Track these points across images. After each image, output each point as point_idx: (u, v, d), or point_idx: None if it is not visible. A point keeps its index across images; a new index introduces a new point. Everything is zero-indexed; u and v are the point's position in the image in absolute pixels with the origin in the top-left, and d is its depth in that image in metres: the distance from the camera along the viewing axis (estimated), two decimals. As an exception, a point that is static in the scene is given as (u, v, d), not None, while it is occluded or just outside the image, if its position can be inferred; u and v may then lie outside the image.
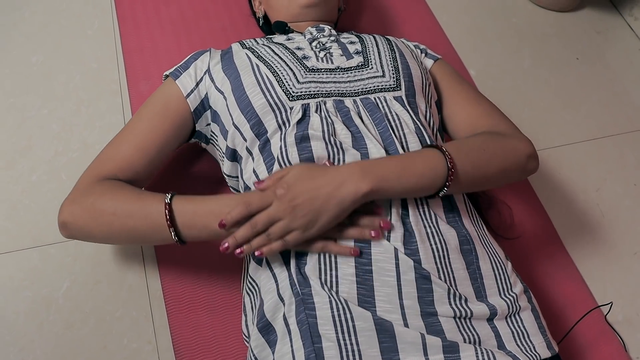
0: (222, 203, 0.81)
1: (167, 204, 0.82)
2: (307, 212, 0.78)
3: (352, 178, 0.78)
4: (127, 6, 1.38)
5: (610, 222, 1.26)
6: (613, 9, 1.71)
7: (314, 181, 0.79)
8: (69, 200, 0.89)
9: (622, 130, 1.42)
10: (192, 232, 0.83)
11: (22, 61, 1.29)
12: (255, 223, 0.79)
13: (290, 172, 0.80)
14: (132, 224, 0.84)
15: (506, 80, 1.47)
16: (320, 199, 0.78)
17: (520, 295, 0.86)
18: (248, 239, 0.79)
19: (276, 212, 0.78)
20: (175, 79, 0.98)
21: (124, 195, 0.86)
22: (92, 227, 0.87)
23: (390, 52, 1.01)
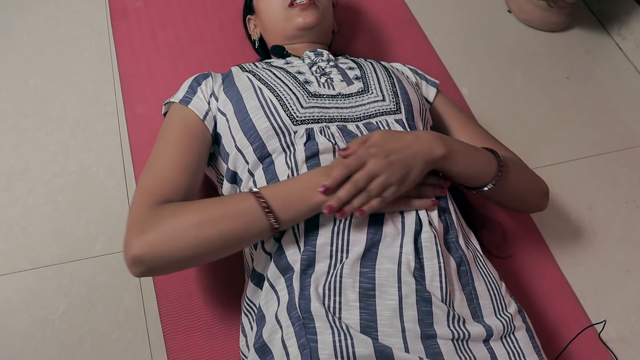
0: (309, 177, 0.83)
1: (256, 193, 0.81)
2: (401, 167, 0.83)
3: (433, 141, 0.87)
4: (123, 29, 1.40)
5: (602, 240, 1.27)
6: (602, 29, 1.74)
7: (401, 141, 0.85)
8: (136, 232, 0.80)
9: (613, 148, 1.44)
10: (290, 212, 0.81)
11: (20, 84, 1.30)
12: (356, 180, 0.80)
13: (373, 136, 0.85)
14: (221, 227, 0.80)
15: (498, 100, 1.49)
16: (410, 155, 0.84)
17: (515, 315, 0.86)
18: (351, 197, 0.81)
19: (375, 169, 0.81)
20: (187, 104, 0.97)
21: (200, 206, 0.83)
22: (174, 249, 0.79)
23: (389, 77, 1.03)
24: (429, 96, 1.13)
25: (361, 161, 0.82)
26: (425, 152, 0.85)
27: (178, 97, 0.99)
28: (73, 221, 1.12)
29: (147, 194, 0.86)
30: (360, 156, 0.82)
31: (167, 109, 1.01)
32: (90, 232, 1.12)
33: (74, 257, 1.08)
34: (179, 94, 1.00)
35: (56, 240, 1.09)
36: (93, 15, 1.45)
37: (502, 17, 1.69)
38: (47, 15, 1.44)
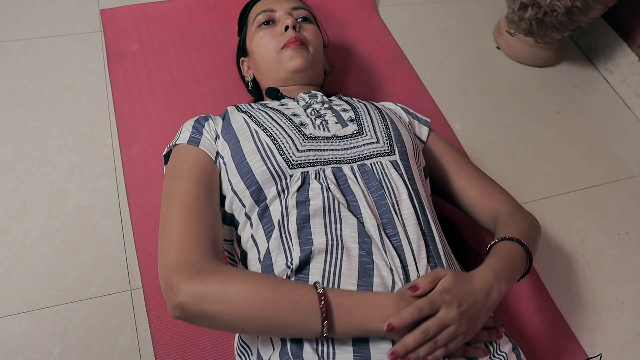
0: (380, 302, 0.78)
1: (320, 294, 0.77)
2: (470, 318, 0.79)
3: (495, 284, 0.84)
4: (120, 72, 1.43)
5: (596, 273, 1.28)
6: (589, 63, 1.78)
7: (470, 287, 0.81)
8: (186, 277, 0.78)
9: (604, 180, 1.46)
10: (345, 328, 0.77)
11: (18, 128, 1.32)
12: (427, 329, 0.77)
13: (445, 277, 0.81)
14: (272, 312, 0.77)
15: (489, 135, 1.51)
16: (479, 304, 0.80)
17: (509, 354, 0.86)
18: (418, 345, 0.77)
19: (447, 319, 0.77)
20: (197, 144, 0.97)
21: (259, 279, 0.80)
22: (220, 310, 0.77)
23: (382, 119, 1.04)
24: (422, 135, 1.15)
25: (435, 307, 0.77)
26: (493, 300, 0.83)
27: (184, 138, 0.98)
28: (69, 263, 1.13)
29: (191, 238, 0.84)
30: (435, 302, 0.77)
31: (170, 150, 1.01)
32: (86, 273, 1.12)
33: (70, 299, 1.09)
34: (184, 135, 0.99)
35: (52, 283, 1.10)
36: (90, 59, 1.48)
37: (491, 54, 1.73)
38: (45, 60, 1.47)
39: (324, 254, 0.84)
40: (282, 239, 0.87)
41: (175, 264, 0.80)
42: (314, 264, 0.84)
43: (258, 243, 0.91)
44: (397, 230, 0.88)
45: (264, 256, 0.88)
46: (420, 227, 0.90)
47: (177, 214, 0.87)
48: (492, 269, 0.86)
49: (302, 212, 0.88)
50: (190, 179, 0.92)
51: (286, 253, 0.86)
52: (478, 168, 1.15)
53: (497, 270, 0.86)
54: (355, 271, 0.83)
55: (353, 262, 0.84)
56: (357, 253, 0.85)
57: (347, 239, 0.86)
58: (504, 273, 0.86)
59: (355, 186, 0.92)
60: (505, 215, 1.03)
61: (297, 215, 0.88)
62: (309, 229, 0.87)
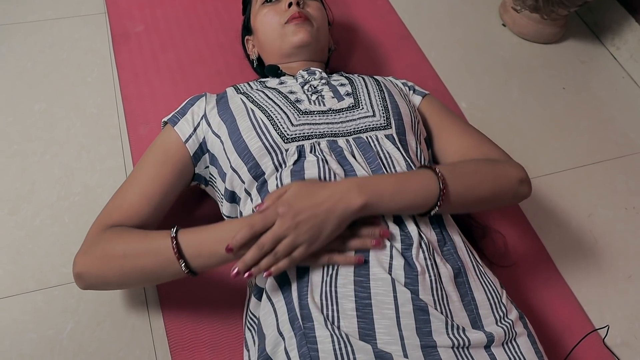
0: (226, 228, 0.84)
1: (173, 237, 0.85)
2: (310, 227, 0.81)
3: (349, 193, 0.83)
4: (125, 54, 1.43)
5: (603, 247, 1.28)
6: (596, 39, 1.77)
7: (314, 197, 0.82)
8: (81, 252, 0.92)
9: (610, 156, 1.46)
10: (201, 262, 0.85)
11: (26, 109, 1.33)
12: (262, 244, 0.81)
13: (288, 190, 0.83)
14: (142, 263, 0.87)
15: (495, 112, 1.51)
16: (321, 213, 0.81)
17: (516, 322, 0.87)
18: (256, 260, 0.81)
19: (281, 230, 0.80)
20: (173, 125, 1.02)
21: (131, 237, 0.90)
22: (105, 273, 0.89)
23: (380, 92, 1.04)
24: (415, 103, 1.14)
25: (267, 222, 0.81)
26: (340, 208, 0.82)
27: (168, 117, 1.04)
28: (79, 242, 1.11)
29: (104, 216, 0.95)
30: (267, 217, 0.81)
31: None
32: (96, 252, 1.13)
33: (81, 276, 1.10)
34: (171, 114, 1.05)
35: (63, 261, 1.11)
36: (95, 40, 1.49)
37: (497, 31, 1.72)
38: (50, 42, 1.47)
39: None
40: None
41: (83, 243, 0.94)
42: None
43: None
44: None
45: None
46: None
47: (113, 196, 0.98)
48: (357, 180, 0.85)
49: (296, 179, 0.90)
50: (143, 166, 1.00)
51: None
52: (468, 125, 1.12)
53: (363, 183, 0.84)
54: None
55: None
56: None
57: None
58: (373, 187, 0.84)
59: (351, 157, 0.93)
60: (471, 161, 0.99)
61: None
62: None
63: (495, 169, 0.97)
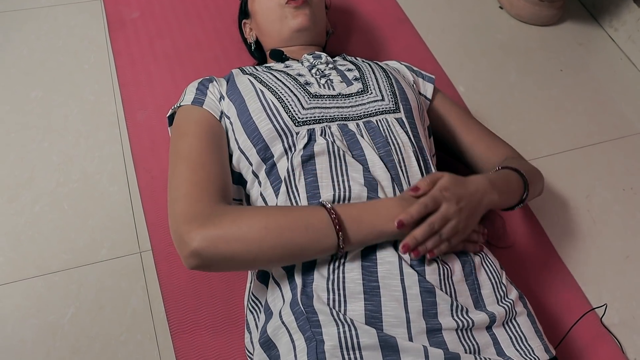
0: (385, 206, 0.84)
1: (330, 208, 0.82)
2: (469, 214, 0.86)
3: (489, 188, 0.90)
4: (121, 40, 1.43)
5: (601, 227, 1.29)
6: (593, 21, 1.76)
7: (466, 188, 0.87)
8: (196, 225, 0.79)
9: (608, 137, 1.46)
10: (359, 236, 0.82)
11: (22, 97, 1.33)
12: (432, 223, 0.83)
13: (442, 178, 0.87)
14: (288, 236, 0.79)
15: (493, 95, 1.51)
16: (476, 202, 0.87)
17: (516, 301, 0.88)
18: (426, 238, 0.83)
19: (449, 213, 0.84)
20: (201, 105, 0.98)
21: (269, 211, 0.83)
22: (237, 248, 0.78)
23: (386, 78, 1.04)
24: (427, 93, 1.15)
25: (437, 203, 0.84)
26: (487, 200, 0.89)
27: (189, 100, 0.99)
28: (79, 228, 1.14)
29: (199, 189, 0.85)
30: (437, 198, 0.84)
31: (174, 112, 1.02)
32: (95, 237, 1.14)
33: (81, 262, 1.10)
34: (188, 97, 1.00)
35: (63, 247, 1.11)
36: (91, 27, 1.48)
37: (494, 14, 1.71)
38: (46, 30, 1.46)
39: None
40: (289, 194, 0.88)
41: (184, 215, 0.81)
42: None
43: (267, 200, 0.92)
44: (402, 187, 0.90)
45: None
46: None
47: (183, 169, 0.88)
48: (488, 177, 0.92)
49: (308, 167, 0.89)
50: (195, 136, 0.93)
51: None
52: (484, 126, 1.16)
53: (492, 180, 0.92)
54: None
55: None
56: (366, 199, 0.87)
57: (354, 187, 0.87)
58: (498, 185, 0.92)
59: (362, 141, 0.93)
60: (512, 158, 1.09)
61: (303, 170, 0.89)
62: (317, 183, 0.88)
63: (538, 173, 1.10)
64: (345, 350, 0.76)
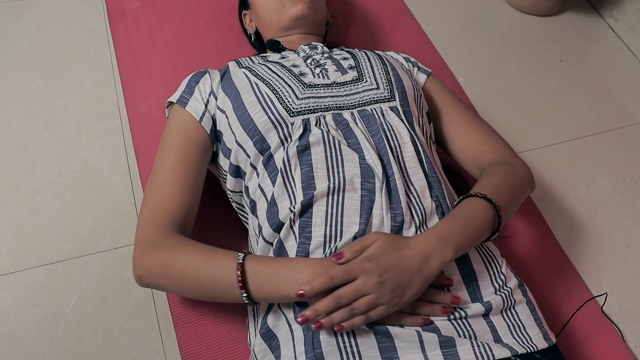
0: (298, 269, 0.79)
1: (239, 264, 0.81)
2: (395, 287, 0.76)
3: (435, 250, 0.79)
4: (121, 30, 1.42)
5: (602, 217, 1.29)
6: (594, 11, 1.76)
7: (400, 255, 0.78)
8: (139, 255, 0.88)
9: (608, 127, 1.46)
10: (264, 295, 0.81)
11: (23, 87, 1.33)
12: (340, 296, 0.76)
13: (372, 243, 0.79)
14: (202, 282, 0.84)
15: (493, 85, 1.51)
16: (407, 273, 0.77)
17: (514, 289, 0.88)
18: (329, 312, 0.76)
19: (364, 287, 0.76)
20: (184, 105, 0.99)
21: (194, 252, 0.86)
22: (165, 282, 0.88)
23: (382, 65, 1.04)
24: (419, 81, 1.14)
25: (350, 276, 0.76)
26: (429, 269, 0.78)
27: (176, 97, 1.01)
28: (80, 218, 1.14)
29: (153, 214, 0.91)
30: (351, 270, 0.76)
31: (169, 108, 1.04)
32: (97, 227, 1.14)
33: (83, 252, 1.11)
34: (176, 94, 1.02)
35: (65, 237, 1.11)
36: (91, 18, 1.48)
37: (494, 4, 1.71)
38: (46, 20, 1.46)
39: (326, 197, 0.86)
40: (285, 185, 0.89)
41: (137, 240, 0.90)
42: (317, 207, 0.86)
43: (265, 191, 0.92)
44: (393, 172, 0.89)
45: (270, 202, 0.90)
46: (422, 168, 0.92)
47: (149, 191, 0.95)
48: (437, 234, 0.81)
49: (303, 157, 0.90)
50: (167, 151, 0.97)
51: (290, 198, 0.88)
52: (475, 115, 1.13)
53: (443, 235, 0.80)
54: (357, 210, 0.85)
55: (355, 201, 0.86)
56: (360, 193, 0.86)
57: (349, 177, 0.87)
58: (453, 238, 0.80)
59: (357, 129, 0.93)
60: (487, 167, 1.00)
61: (299, 160, 0.90)
62: (312, 173, 0.88)
63: (518, 178, 0.98)
64: (340, 337, 0.77)
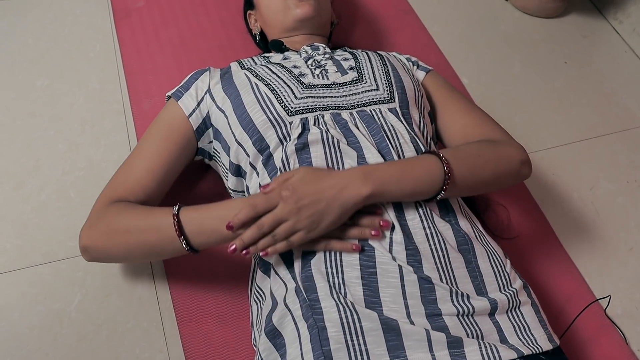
0: (228, 207, 0.85)
1: (174, 214, 0.86)
2: (311, 214, 0.81)
3: (354, 182, 0.83)
4: (127, 29, 1.43)
5: (605, 219, 1.29)
6: (598, 13, 1.76)
7: (318, 184, 0.83)
8: (87, 225, 0.94)
9: (612, 130, 1.46)
10: (201, 239, 0.86)
11: (28, 85, 1.33)
12: (261, 224, 0.82)
13: (295, 174, 0.84)
14: (144, 239, 0.88)
15: (497, 87, 1.51)
16: (324, 201, 0.82)
17: (520, 290, 0.88)
18: (255, 240, 0.82)
19: (282, 214, 0.81)
20: (177, 99, 1.02)
21: (135, 213, 0.91)
22: (109, 247, 0.91)
23: (383, 66, 1.05)
24: (418, 79, 1.13)
25: (270, 204, 0.82)
26: (345, 198, 0.82)
27: (172, 91, 1.04)
28: (85, 215, 1.12)
29: (109, 191, 0.96)
30: (270, 198, 0.82)
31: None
32: (102, 225, 1.14)
33: (87, 250, 1.11)
34: (175, 88, 1.05)
35: (69, 235, 1.11)
36: (96, 16, 1.48)
37: (499, 5, 1.71)
38: (51, 18, 1.46)
39: None
40: None
41: (89, 216, 0.95)
42: None
43: None
44: None
45: None
46: None
47: (119, 170, 0.99)
48: (363, 169, 0.85)
49: (302, 155, 0.91)
50: (147, 140, 1.01)
51: None
52: (470, 103, 1.11)
53: (369, 171, 0.84)
54: None
55: None
56: None
57: None
58: (379, 176, 0.84)
59: (355, 129, 0.94)
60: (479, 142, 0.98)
61: (298, 159, 0.91)
62: None
63: (497, 151, 0.97)
64: (349, 335, 0.77)
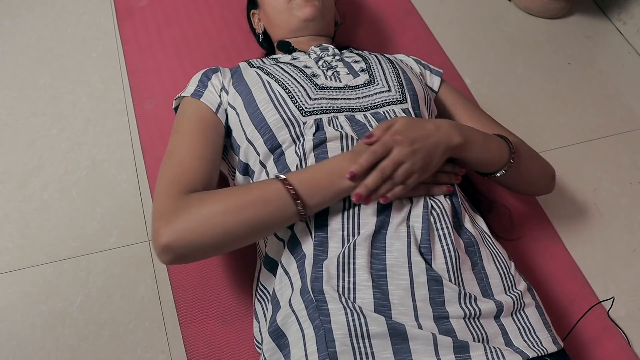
0: (336, 162, 0.85)
1: (283, 180, 0.83)
2: (424, 155, 0.85)
3: (452, 130, 0.90)
4: (129, 28, 1.43)
5: (608, 221, 1.29)
6: (602, 14, 1.76)
7: (423, 129, 0.87)
8: (164, 222, 0.82)
9: (616, 131, 1.46)
10: (317, 199, 0.83)
11: (31, 84, 1.33)
12: (383, 168, 0.83)
13: (397, 122, 0.87)
14: (249, 214, 0.82)
15: (500, 87, 1.50)
16: (432, 143, 0.86)
17: (524, 292, 0.88)
18: (378, 185, 0.83)
19: (400, 156, 0.83)
20: (199, 97, 0.99)
21: (227, 193, 0.85)
22: (203, 235, 0.81)
23: (393, 69, 1.05)
24: (433, 85, 1.15)
25: (387, 148, 0.84)
26: (446, 140, 0.88)
27: (189, 91, 1.00)
28: (87, 215, 1.15)
29: (170, 185, 0.87)
30: (386, 143, 0.84)
31: (178, 104, 1.03)
32: (104, 225, 1.14)
33: (89, 250, 1.11)
34: (189, 88, 1.01)
35: (71, 235, 1.12)
36: (99, 15, 1.48)
37: (502, 6, 1.71)
38: (54, 17, 1.46)
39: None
40: None
41: (155, 213, 0.84)
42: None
43: None
44: None
45: None
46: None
47: (164, 168, 0.91)
48: (454, 122, 0.92)
49: (319, 152, 0.90)
50: (183, 133, 0.95)
51: None
52: (490, 116, 1.15)
53: (460, 127, 0.92)
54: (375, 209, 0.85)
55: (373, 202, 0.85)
56: None
57: None
58: (469, 133, 0.92)
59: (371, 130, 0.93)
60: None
61: (315, 156, 0.90)
62: None
63: (542, 159, 1.11)
64: (355, 338, 0.76)
